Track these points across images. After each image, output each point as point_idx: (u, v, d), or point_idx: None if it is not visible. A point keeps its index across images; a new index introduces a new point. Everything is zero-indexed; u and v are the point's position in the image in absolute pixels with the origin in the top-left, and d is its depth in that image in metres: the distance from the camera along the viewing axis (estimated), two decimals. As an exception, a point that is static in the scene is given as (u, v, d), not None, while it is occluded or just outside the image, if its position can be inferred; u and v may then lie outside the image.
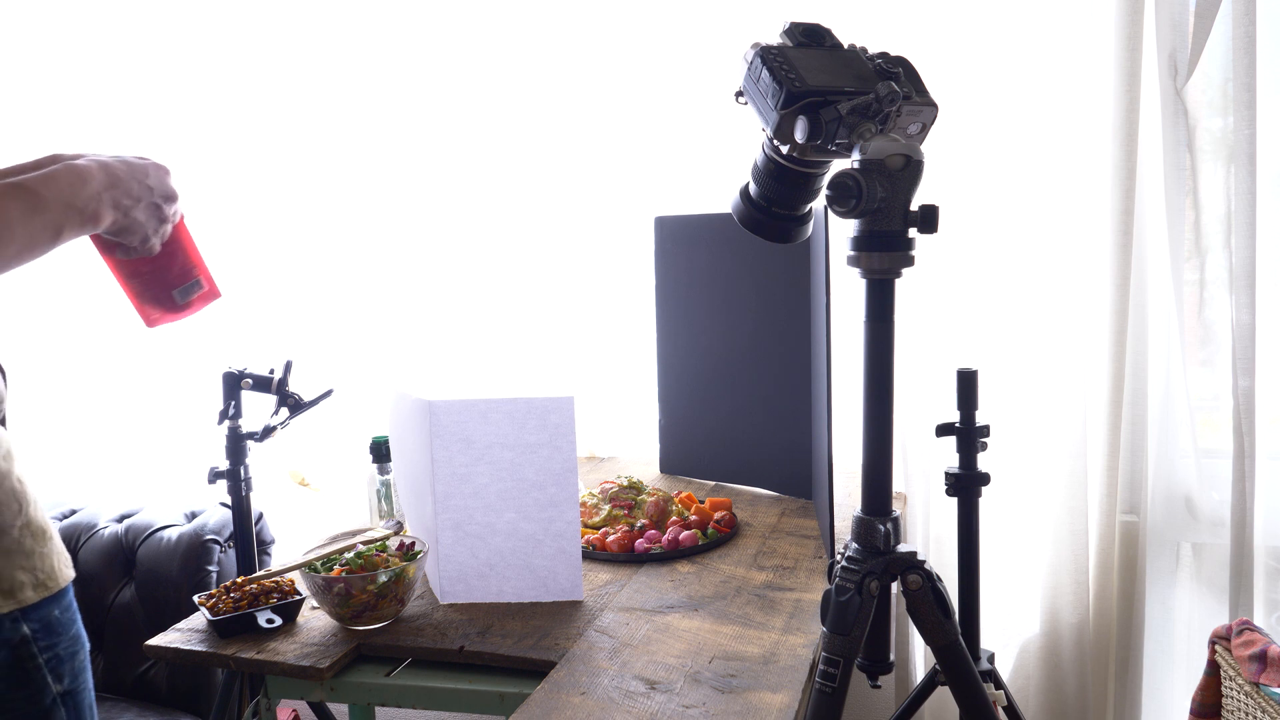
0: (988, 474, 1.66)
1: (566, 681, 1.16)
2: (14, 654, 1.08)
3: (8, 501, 1.09)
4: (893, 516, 1.03)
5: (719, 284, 1.92)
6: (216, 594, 1.36)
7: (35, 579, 1.11)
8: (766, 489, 1.94)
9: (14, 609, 1.07)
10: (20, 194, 1.00)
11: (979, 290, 2.04)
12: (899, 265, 0.98)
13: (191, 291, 1.22)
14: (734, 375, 1.92)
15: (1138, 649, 2.00)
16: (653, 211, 2.06)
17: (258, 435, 1.72)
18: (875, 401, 1.00)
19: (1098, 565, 2.00)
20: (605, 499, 1.73)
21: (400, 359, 2.34)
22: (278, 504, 2.27)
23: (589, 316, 2.29)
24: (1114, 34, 1.87)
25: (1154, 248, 1.96)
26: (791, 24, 1.04)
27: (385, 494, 1.73)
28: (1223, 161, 1.90)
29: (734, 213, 1.12)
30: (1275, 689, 1.46)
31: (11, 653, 1.08)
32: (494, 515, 1.39)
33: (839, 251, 1.09)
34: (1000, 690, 1.73)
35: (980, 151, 1.99)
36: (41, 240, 1.01)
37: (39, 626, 1.10)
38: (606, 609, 1.37)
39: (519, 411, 1.36)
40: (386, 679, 1.25)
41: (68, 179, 1.05)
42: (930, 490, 2.08)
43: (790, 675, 1.16)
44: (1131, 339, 1.96)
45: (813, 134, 0.96)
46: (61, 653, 1.13)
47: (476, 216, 2.30)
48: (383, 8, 2.25)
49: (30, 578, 1.10)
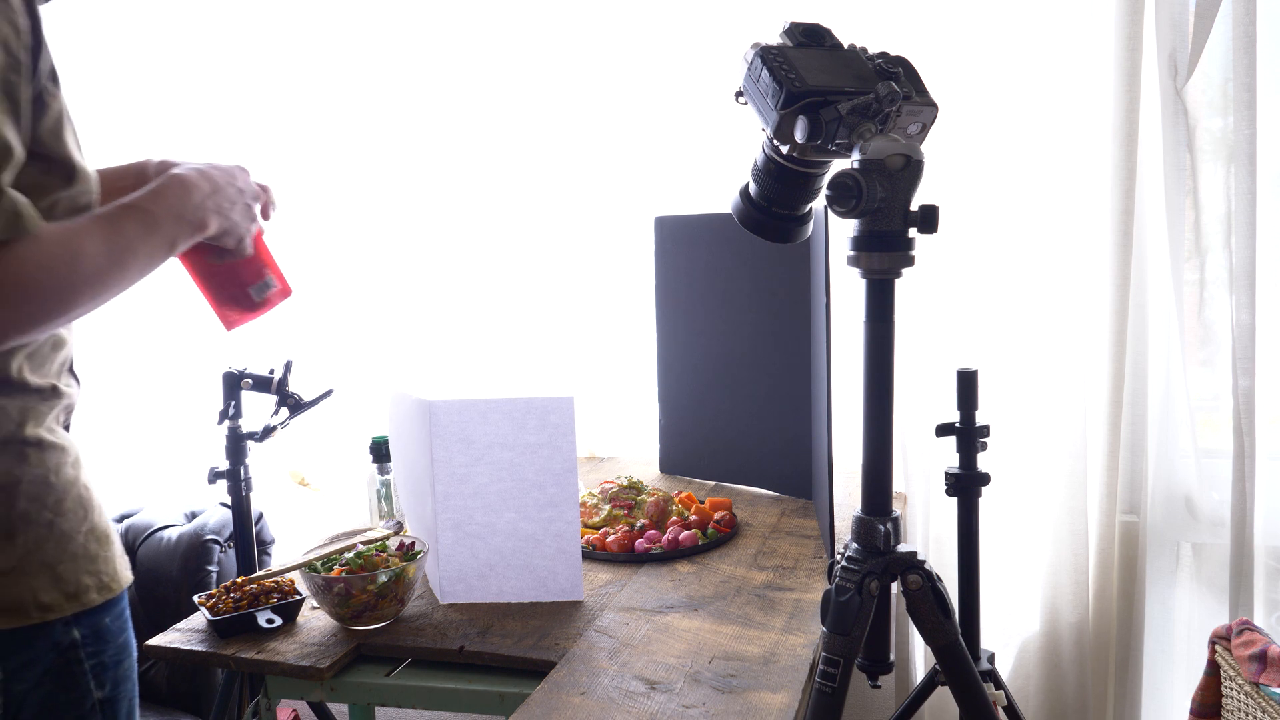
0: (988, 474, 1.66)
1: (566, 681, 1.16)
2: (62, 657, 1.10)
3: (75, 508, 1.12)
4: (893, 516, 1.03)
5: (719, 284, 1.92)
6: (216, 594, 1.36)
7: (100, 581, 1.13)
8: (766, 489, 1.94)
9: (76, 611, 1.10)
10: (135, 214, 1.04)
11: (979, 290, 2.04)
12: (899, 265, 0.98)
13: (266, 289, 1.26)
14: (734, 375, 1.92)
15: (1137, 649, 2.00)
16: (653, 211, 2.06)
17: (258, 435, 1.72)
18: (875, 401, 1.00)
19: (1098, 565, 2.00)
20: (605, 499, 1.73)
21: (400, 359, 2.34)
22: (278, 504, 2.27)
23: (589, 316, 2.29)
24: (1114, 34, 1.87)
25: (1154, 248, 1.96)
26: (791, 24, 1.04)
27: (385, 494, 1.73)
28: (1223, 161, 1.90)
29: (734, 212, 1.12)
30: (1275, 689, 1.46)
31: (60, 656, 1.10)
32: (494, 515, 1.39)
33: (839, 251, 1.09)
34: (1000, 690, 1.73)
35: (980, 151, 1.99)
36: (159, 255, 1.06)
37: (89, 632, 1.12)
38: (606, 609, 1.37)
39: (519, 411, 1.36)
40: (386, 679, 1.25)
41: (174, 192, 1.09)
42: (930, 490, 2.08)
43: (790, 675, 1.16)
44: (1131, 339, 1.96)
45: (813, 134, 0.96)
46: (106, 660, 1.15)
47: (476, 216, 2.30)
48: (383, 7, 2.25)
49: (95, 580, 1.13)
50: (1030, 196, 1.98)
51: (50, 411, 1.13)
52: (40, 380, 1.11)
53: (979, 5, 1.96)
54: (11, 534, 1.07)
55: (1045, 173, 1.97)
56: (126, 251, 1.01)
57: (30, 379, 1.09)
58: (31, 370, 1.10)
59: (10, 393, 1.07)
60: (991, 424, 1.66)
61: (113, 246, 1.01)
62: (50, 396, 1.13)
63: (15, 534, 1.07)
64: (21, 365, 1.08)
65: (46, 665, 1.10)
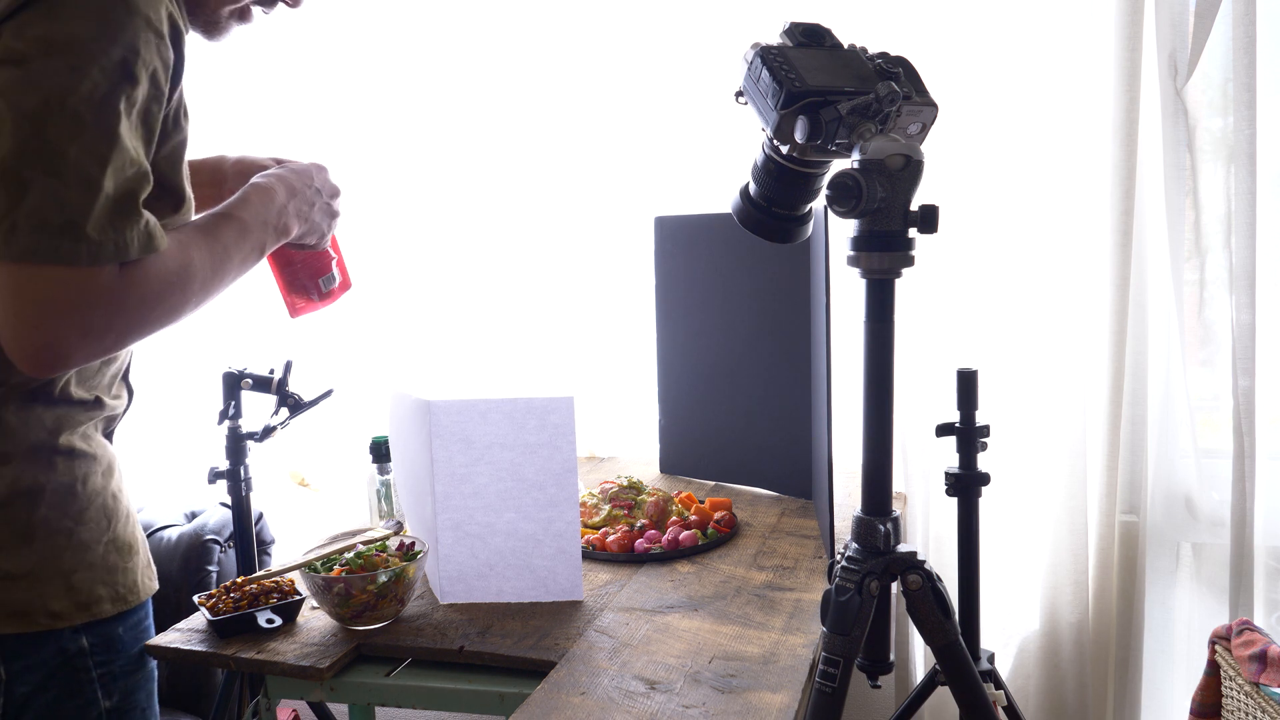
0: (988, 474, 1.66)
1: (566, 681, 1.16)
2: (69, 664, 1.11)
3: (97, 518, 1.13)
4: (893, 516, 1.03)
5: (719, 284, 1.92)
6: (216, 594, 1.36)
7: (115, 593, 1.14)
8: (766, 489, 1.94)
9: (86, 621, 1.11)
10: (228, 222, 1.10)
11: (979, 290, 2.04)
12: (899, 265, 0.98)
13: (331, 282, 1.34)
14: (734, 375, 1.92)
15: (1137, 649, 2.00)
16: (653, 211, 2.06)
17: (258, 435, 1.71)
18: (875, 401, 1.00)
19: (1097, 565, 2.00)
20: (605, 499, 1.73)
21: (400, 359, 2.34)
22: (278, 504, 2.27)
23: (589, 316, 2.29)
24: (1114, 34, 1.87)
25: (1154, 248, 1.96)
26: (791, 24, 1.04)
27: (385, 494, 1.73)
28: (1223, 161, 1.90)
29: (734, 212, 1.12)
30: (1275, 689, 1.46)
31: (66, 662, 1.11)
32: (494, 515, 1.38)
33: (839, 251, 1.09)
34: (1000, 690, 1.73)
35: (980, 151, 1.99)
36: (251, 259, 1.13)
37: (99, 641, 1.13)
38: (606, 609, 1.37)
39: (519, 411, 1.36)
40: (386, 679, 1.25)
41: (257, 199, 1.15)
42: (930, 490, 2.08)
43: (790, 675, 1.16)
44: (1131, 339, 1.95)
45: (813, 134, 0.96)
46: (117, 670, 1.15)
47: (476, 216, 2.30)
48: (382, 7, 2.25)
49: (110, 591, 1.13)
50: (1030, 196, 1.98)
51: (89, 421, 1.15)
52: (84, 393, 1.13)
53: (979, 5, 1.96)
54: (30, 539, 1.07)
55: (1045, 173, 1.97)
56: (225, 258, 1.08)
57: (74, 391, 1.12)
58: (78, 384, 1.12)
59: (50, 403, 1.09)
60: (991, 424, 1.66)
61: (214, 255, 1.07)
62: (92, 407, 1.15)
63: (34, 539, 1.07)
64: (69, 379, 1.10)
65: (51, 670, 1.10)
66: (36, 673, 1.09)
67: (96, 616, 1.12)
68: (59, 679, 1.11)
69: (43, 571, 1.08)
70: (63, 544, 1.09)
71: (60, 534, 1.09)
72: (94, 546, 1.12)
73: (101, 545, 1.13)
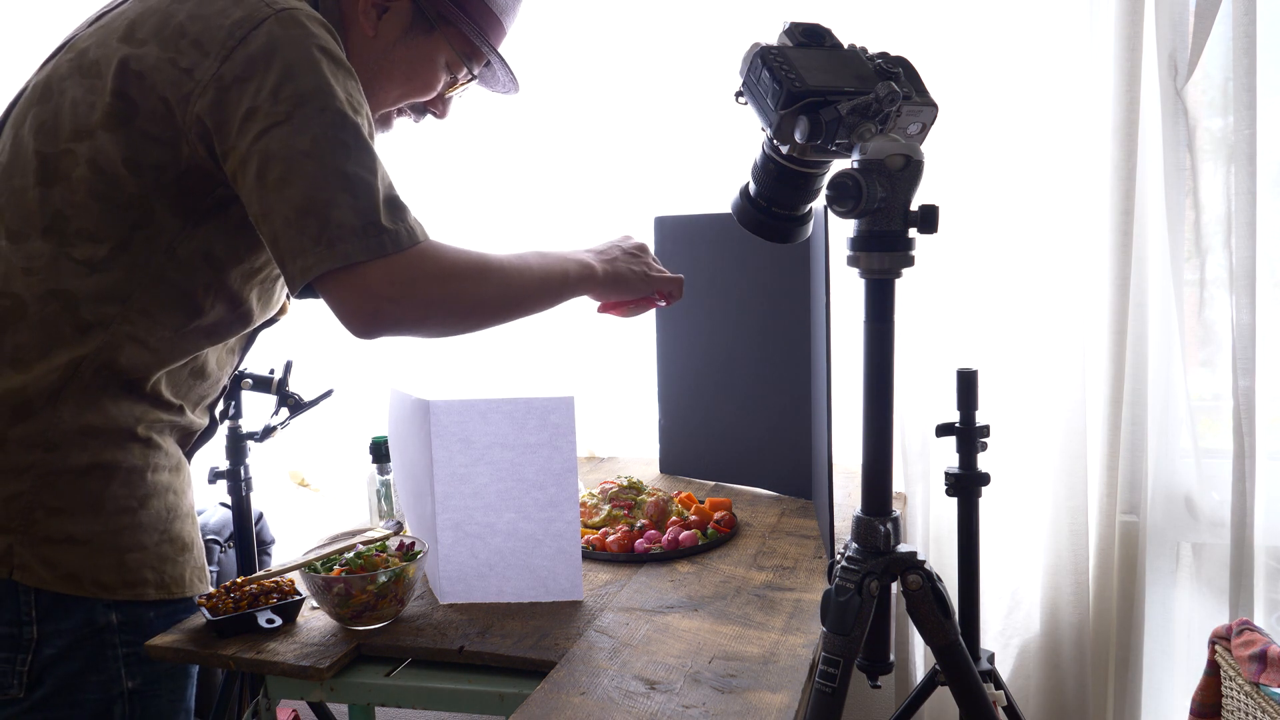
0: (988, 474, 1.66)
1: (566, 681, 1.16)
2: (95, 636, 1.17)
3: (159, 509, 1.22)
4: (893, 516, 1.03)
5: (719, 284, 1.92)
6: (216, 594, 1.36)
7: (161, 581, 1.21)
8: (766, 489, 1.94)
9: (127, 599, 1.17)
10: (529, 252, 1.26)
11: (979, 290, 2.04)
12: (899, 265, 0.98)
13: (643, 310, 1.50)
14: (734, 375, 1.92)
15: (1137, 649, 2.00)
16: (653, 211, 2.06)
17: (258, 435, 1.72)
18: (875, 402, 1.00)
19: (1097, 565, 2.00)
20: (605, 499, 1.73)
21: (400, 359, 2.34)
22: (278, 504, 2.26)
23: (589, 316, 2.28)
24: (1114, 34, 1.87)
25: (1154, 248, 1.96)
26: (791, 24, 1.04)
27: (385, 494, 1.73)
28: (1223, 161, 1.90)
29: (734, 212, 1.12)
30: (1275, 689, 1.46)
31: (93, 634, 1.16)
32: (494, 515, 1.38)
33: (839, 251, 1.09)
34: (1000, 690, 1.73)
35: (980, 151, 1.99)
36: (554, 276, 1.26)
37: (128, 620, 1.19)
38: (606, 609, 1.37)
39: (519, 411, 1.36)
40: (386, 679, 1.25)
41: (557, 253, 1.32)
42: (930, 490, 2.08)
43: (790, 675, 1.16)
44: (1131, 339, 1.95)
45: (813, 134, 0.96)
46: (142, 653, 1.21)
47: (476, 216, 2.30)
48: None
49: (156, 577, 1.21)
50: (1030, 196, 1.98)
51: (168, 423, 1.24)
52: (172, 397, 1.24)
53: (979, 5, 1.96)
54: (99, 511, 1.16)
55: (1045, 173, 1.97)
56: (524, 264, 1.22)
57: (163, 392, 1.22)
58: (167, 387, 1.22)
59: (139, 397, 1.19)
60: (991, 424, 1.66)
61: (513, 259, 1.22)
62: (174, 411, 1.25)
63: (102, 511, 1.16)
64: (160, 379, 1.21)
65: (76, 639, 1.15)
66: (62, 639, 1.15)
67: (139, 598, 1.18)
68: (84, 650, 1.16)
69: (103, 543, 1.15)
70: (125, 522, 1.17)
71: (125, 512, 1.17)
72: (151, 532, 1.19)
73: (158, 533, 1.20)
